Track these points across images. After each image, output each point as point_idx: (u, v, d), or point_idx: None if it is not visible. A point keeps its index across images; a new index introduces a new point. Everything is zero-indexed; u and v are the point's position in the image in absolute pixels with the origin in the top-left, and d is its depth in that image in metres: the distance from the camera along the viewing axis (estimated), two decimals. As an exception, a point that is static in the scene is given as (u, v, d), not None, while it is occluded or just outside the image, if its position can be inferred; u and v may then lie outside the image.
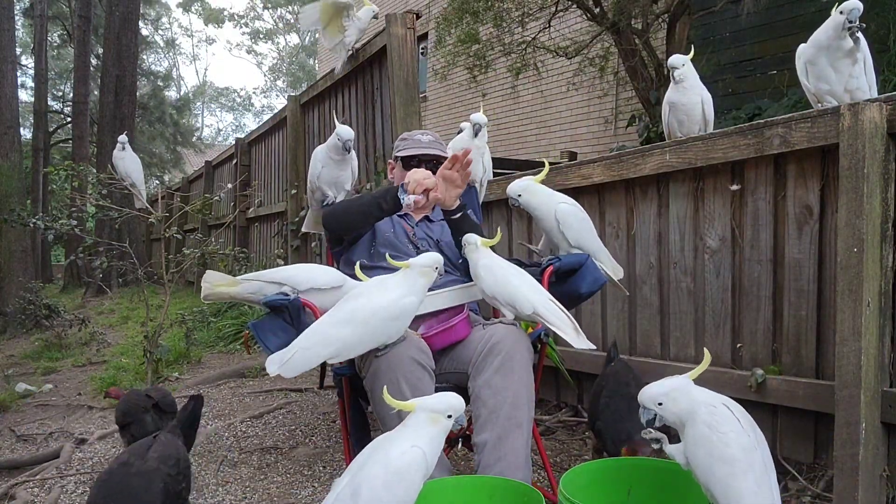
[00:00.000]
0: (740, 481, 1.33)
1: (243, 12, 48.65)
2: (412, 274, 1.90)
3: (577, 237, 2.25)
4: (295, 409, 3.59)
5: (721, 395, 1.48)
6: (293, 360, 1.84)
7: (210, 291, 2.28)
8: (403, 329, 1.93)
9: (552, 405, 3.31)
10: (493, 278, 2.02)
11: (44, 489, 2.67)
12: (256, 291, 2.29)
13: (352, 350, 1.89)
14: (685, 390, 1.47)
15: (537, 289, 2.02)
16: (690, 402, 1.45)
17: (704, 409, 1.41)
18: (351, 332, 1.86)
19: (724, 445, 1.36)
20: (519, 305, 1.99)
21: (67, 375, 5.17)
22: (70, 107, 16.55)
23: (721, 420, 1.39)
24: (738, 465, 1.34)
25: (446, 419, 1.52)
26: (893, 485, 1.96)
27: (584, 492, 1.61)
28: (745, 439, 1.37)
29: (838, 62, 2.27)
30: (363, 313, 1.86)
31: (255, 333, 2.16)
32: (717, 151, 2.42)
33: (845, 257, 1.93)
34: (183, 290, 9.18)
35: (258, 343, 2.17)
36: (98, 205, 4.91)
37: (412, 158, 2.51)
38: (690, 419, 1.43)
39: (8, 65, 9.04)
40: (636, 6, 6.68)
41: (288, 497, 2.47)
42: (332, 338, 1.86)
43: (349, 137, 2.82)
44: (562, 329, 1.94)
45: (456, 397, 1.54)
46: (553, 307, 1.99)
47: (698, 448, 1.39)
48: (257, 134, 7.62)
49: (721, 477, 1.35)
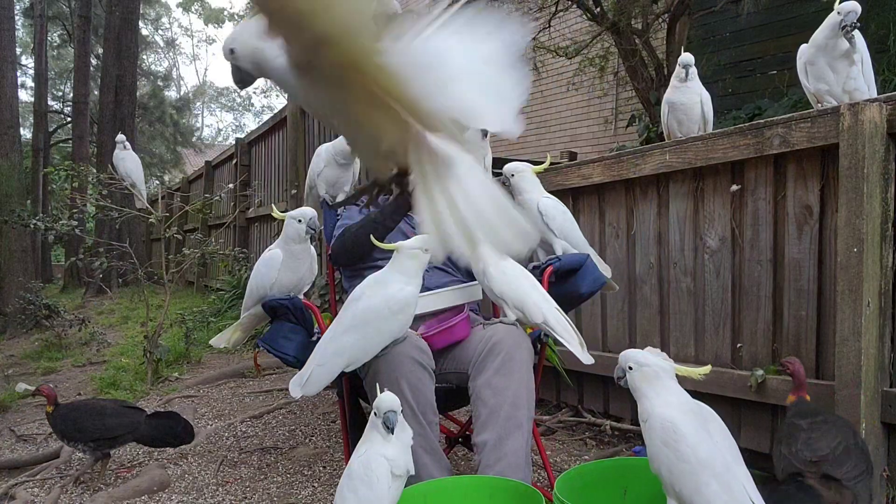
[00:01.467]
0: (704, 491, 1.35)
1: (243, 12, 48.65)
2: (402, 258, 1.89)
3: (561, 228, 2.30)
4: (295, 409, 3.59)
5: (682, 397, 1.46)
6: (312, 379, 1.85)
7: (229, 344, 2.40)
8: (410, 321, 1.93)
9: (552, 405, 3.32)
10: (504, 279, 2.02)
11: (44, 489, 2.67)
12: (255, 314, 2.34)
13: (364, 354, 1.89)
14: (656, 377, 1.46)
15: (546, 297, 2.03)
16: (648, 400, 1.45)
17: (659, 425, 1.42)
18: (359, 337, 1.86)
19: (684, 462, 1.37)
20: (528, 312, 1.99)
21: (67, 375, 5.16)
22: (70, 107, 16.55)
23: (676, 437, 1.39)
24: (701, 476, 1.35)
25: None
26: (893, 485, 1.96)
27: (580, 494, 1.61)
28: (703, 448, 1.37)
29: (836, 63, 2.27)
30: (365, 315, 1.86)
31: (267, 348, 2.15)
32: (716, 151, 2.42)
33: (845, 257, 1.93)
34: (183, 290, 9.18)
35: (273, 354, 2.17)
36: (98, 205, 4.91)
37: None
38: (648, 427, 1.44)
39: (8, 65, 9.03)
40: (636, 6, 6.68)
41: (288, 497, 2.47)
42: (342, 348, 1.86)
43: None
44: (568, 342, 1.96)
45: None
46: (561, 318, 2.00)
47: (660, 464, 1.41)
48: (257, 134, 7.61)
49: (686, 490, 1.37)
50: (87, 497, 2.53)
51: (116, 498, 2.46)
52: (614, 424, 2.91)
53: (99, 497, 2.47)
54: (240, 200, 7.48)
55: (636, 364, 1.49)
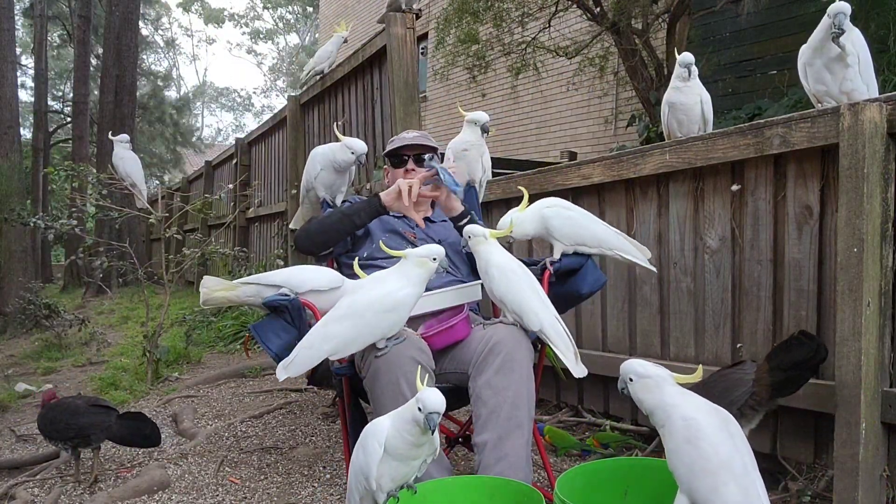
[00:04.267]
0: (722, 491, 1.34)
1: (243, 12, 48.72)
2: (408, 265, 1.90)
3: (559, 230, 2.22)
4: (295, 409, 3.59)
5: (696, 398, 1.47)
6: (296, 360, 1.88)
7: (209, 297, 2.29)
8: (402, 322, 1.93)
9: (552, 405, 3.32)
10: (505, 282, 2.00)
11: (44, 489, 2.67)
12: (255, 295, 2.29)
13: (351, 344, 1.90)
14: (658, 386, 1.47)
15: (546, 304, 2.02)
16: (663, 405, 1.45)
17: (682, 423, 1.41)
18: (349, 326, 1.87)
19: (705, 460, 1.36)
20: (526, 319, 1.99)
21: (67, 375, 5.17)
22: (70, 107, 16.55)
23: (698, 434, 1.39)
24: (720, 476, 1.35)
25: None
26: (893, 485, 1.96)
27: (581, 493, 1.61)
28: (724, 448, 1.37)
29: (832, 64, 2.27)
30: (358, 306, 1.88)
31: (256, 335, 2.16)
32: (716, 151, 2.42)
33: (845, 257, 1.93)
34: (183, 290, 9.18)
35: (259, 345, 2.18)
36: (98, 205, 4.91)
37: (399, 156, 2.54)
38: (668, 428, 1.44)
39: (8, 65, 9.04)
40: (636, 6, 6.68)
41: (288, 497, 2.47)
42: (330, 334, 1.88)
43: (364, 151, 2.70)
44: (564, 354, 1.95)
45: (435, 397, 1.55)
46: (559, 328, 1.99)
47: (679, 462, 1.41)
48: (257, 134, 7.62)
49: (704, 489, 1.36)
50: (87, 497, 2.53)
51: (116, 498, 2.46)
52: (614, 424, 2.91)
53: (99, 497, 2.47)
54: (240, 200, 7.48)
55: (636, 376, 1.50)
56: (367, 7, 16.08)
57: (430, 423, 1.51)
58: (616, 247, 2.24)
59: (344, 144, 2.70)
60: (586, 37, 7.95)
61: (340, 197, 2.89)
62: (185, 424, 3.33)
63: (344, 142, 2.71)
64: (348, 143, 2.70)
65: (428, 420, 1.51)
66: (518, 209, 2.22)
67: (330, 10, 18.67)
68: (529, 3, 7.93)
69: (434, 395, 1.53)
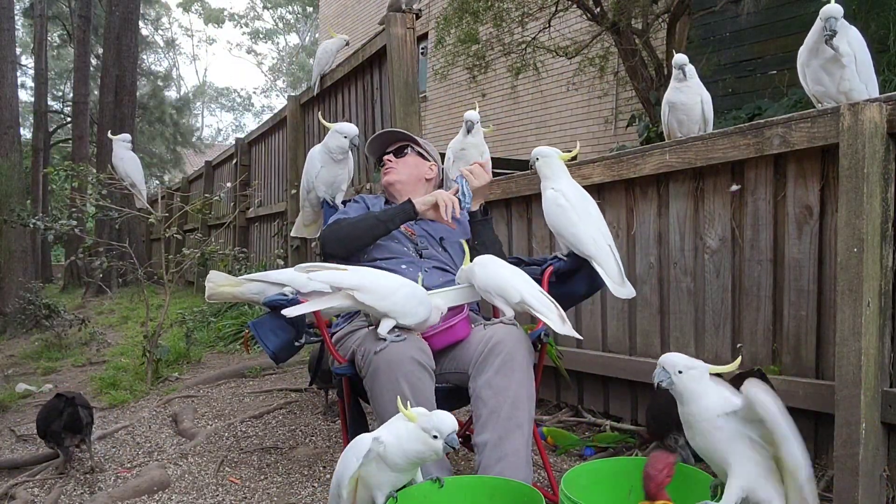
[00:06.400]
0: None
1: (243, 12, 48.73)
2: None
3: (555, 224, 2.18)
4: (295, 409, 3.59)
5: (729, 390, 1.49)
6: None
7: (214, 291, 2.29)
8: (418, 318, 1.96)
9: (552, 405, 3.31)
10: (484, 272, 2.06)
11: (44, 489, 2.67)
12: (259, 292, 2.29)
13: (369, 294, 1.90)
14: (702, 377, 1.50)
15: (527, 280, 2.05)
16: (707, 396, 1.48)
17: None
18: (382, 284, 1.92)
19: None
20: (507, 295, 2.01)
21: (67, 375, 5.16)
22: (70, 107, 16.55)
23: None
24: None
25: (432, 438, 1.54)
26: (893, 485, 1.96)
27: (585, 492, 1.61)
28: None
29: (828, 65, 2.28)
30: (398, 281, 1.96)
31: (254, 332, 2.16)
32: (716, 151, 2.42)
33: (845, 257, 1.93)
34: (183, 290, 9.18)
35: (258, 342, 2.18)
36: (98, 205, 4.91)
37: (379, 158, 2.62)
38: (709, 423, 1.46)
39: (8, 65, 9.03)
40: (636, 6, 6.69)
41: (288, 497, 2.47)
42: (363, 273, 1.93)
43: (356, 133, 2.71)
44: (546, 315, 1.96)
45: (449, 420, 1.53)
46: (539, 296, 2.01)
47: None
48: (257, 134, 7.62)
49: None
50: (87, 497, 2.53)
51: (116, 498, 2.46)
52: (614, 424, 2.91)
53: (99, 497, 2.47)
54: (240, 200, 7.48)
55: (685, 367, 1.51)
56: (367, 7, 16.08)
57: (453, 443, 1.51)
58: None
59: (334, 130, 2.72)
60: (586, 37, 7.96)
61: (340, 196, 2.89)
62: (185, 424, 3.33)
63: (334, 128, 2.73)
64: (338, 127, 2.73)
65: (450, 443, 1.50)
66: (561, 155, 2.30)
67: (330, 10, 18.67)
68: (529, 3, 7.93)
69: (445, 418, 1.52)
